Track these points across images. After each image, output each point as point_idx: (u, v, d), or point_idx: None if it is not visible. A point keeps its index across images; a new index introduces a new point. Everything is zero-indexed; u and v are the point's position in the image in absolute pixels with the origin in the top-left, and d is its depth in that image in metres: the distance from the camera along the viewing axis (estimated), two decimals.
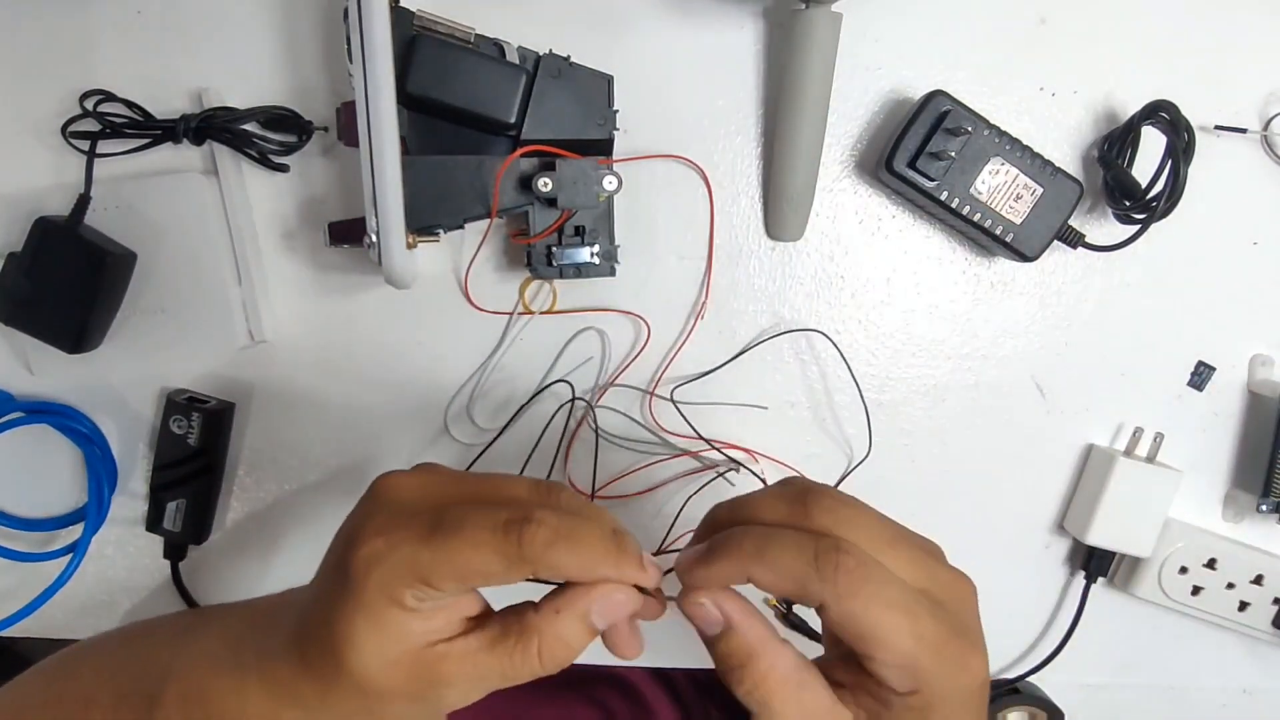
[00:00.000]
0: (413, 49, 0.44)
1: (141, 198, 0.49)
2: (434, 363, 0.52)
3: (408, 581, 0.29)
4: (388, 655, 0.30)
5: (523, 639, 0.31)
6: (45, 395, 0.52)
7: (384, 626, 0.29)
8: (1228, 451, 0.54)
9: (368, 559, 0.29)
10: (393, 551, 0.29)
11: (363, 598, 0.29)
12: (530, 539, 0.29)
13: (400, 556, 0.29)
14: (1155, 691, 0.57)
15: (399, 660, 0.30)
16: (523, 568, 0.29)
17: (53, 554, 0.52)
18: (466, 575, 0.29)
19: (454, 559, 0.29)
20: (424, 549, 0.29)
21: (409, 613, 0.29)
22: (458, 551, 0.29)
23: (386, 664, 0.30)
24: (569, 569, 0.30)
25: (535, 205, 0.47)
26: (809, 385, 0.52)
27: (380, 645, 0.30)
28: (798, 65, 0.47)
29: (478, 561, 0.29)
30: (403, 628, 0.30)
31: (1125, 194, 0.48)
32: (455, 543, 0.29)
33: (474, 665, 0.31)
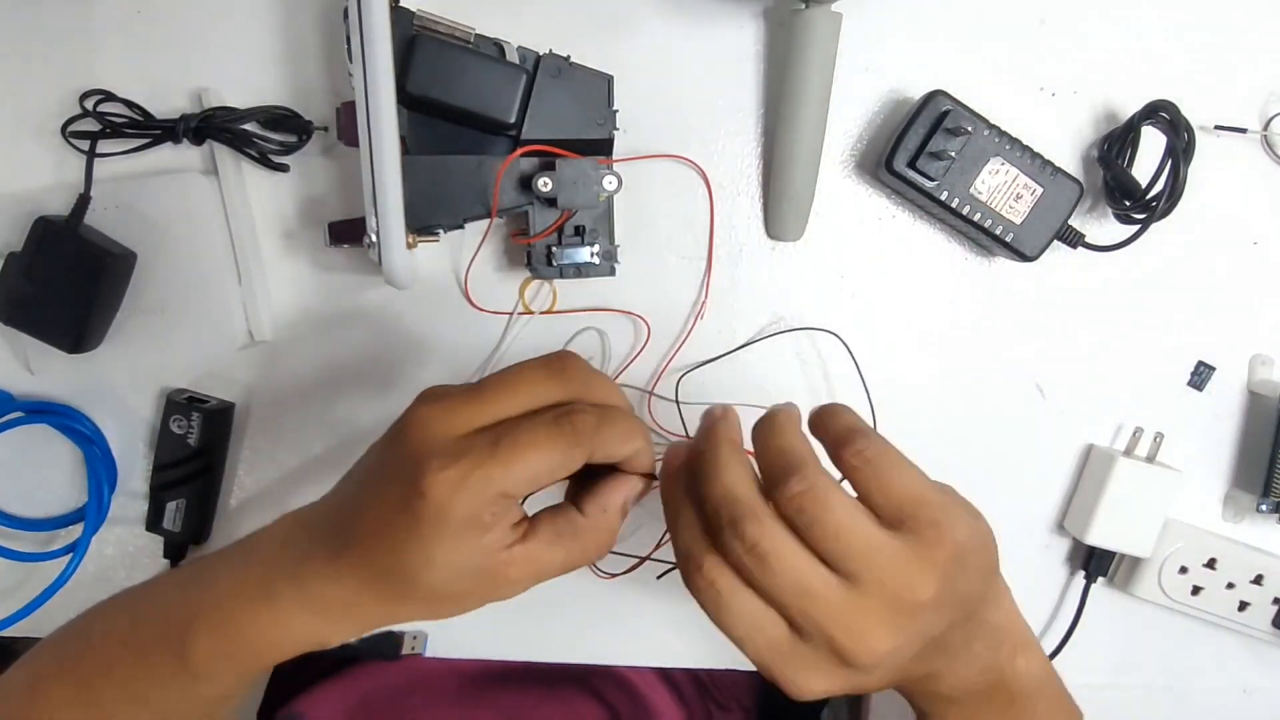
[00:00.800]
0: (413, 49, 0.44)
1: (141, 198, 0.49)
2: (434, 363, 0.52)
3: (489, 500, 0.32)
4: (466, 569, 0.33)
5: (579, 537, 0.35)
6: (45, 395, 0.52)
7: (464, 546, 0.32)
8: (1228, 451, 0.54)
9: (449, 487, 0.31)
10: (469, 476, 0.31)
11: (447, 524, 0.32)
12: (581, 427, 0.33)
13: (478, 479, 0.31)
14: (1155, 691, 0.57)
15: (475, 572, 0.33)
16: (581, 454, 0.33)
17: (53, 554, 0.52)
18: (538, 477, 0.32)
19: (525, 467, 0.32)
20: (496, 467, 0.32)
21: (483, 530, 0.32)
22: (525, 460, 0.32)
23: (464, 577, 0.33)
24: (615, 446, 0.34)
25: (535, 205, 0.47)
26: (810, 385, 0.52)
27: (460, 563, 0.32)
28: (798, 65, 0.47)
29: (544, 461, 0.32)
30: (479, 543, 0.32)
31: (1125, 194, 0.48)
32: (521, 451, 0.32)
33: (535, 564, 0.34)
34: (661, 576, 0.52)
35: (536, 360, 0.35)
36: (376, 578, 0.34)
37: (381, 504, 0.33)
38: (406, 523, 0.32)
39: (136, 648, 0.38)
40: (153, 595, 0.40)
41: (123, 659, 0.38)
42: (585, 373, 0.35)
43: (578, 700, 0.57)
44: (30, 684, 0.40)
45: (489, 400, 0.34)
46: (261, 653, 0.36)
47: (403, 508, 0.32)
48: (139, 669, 0.38)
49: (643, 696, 0.57)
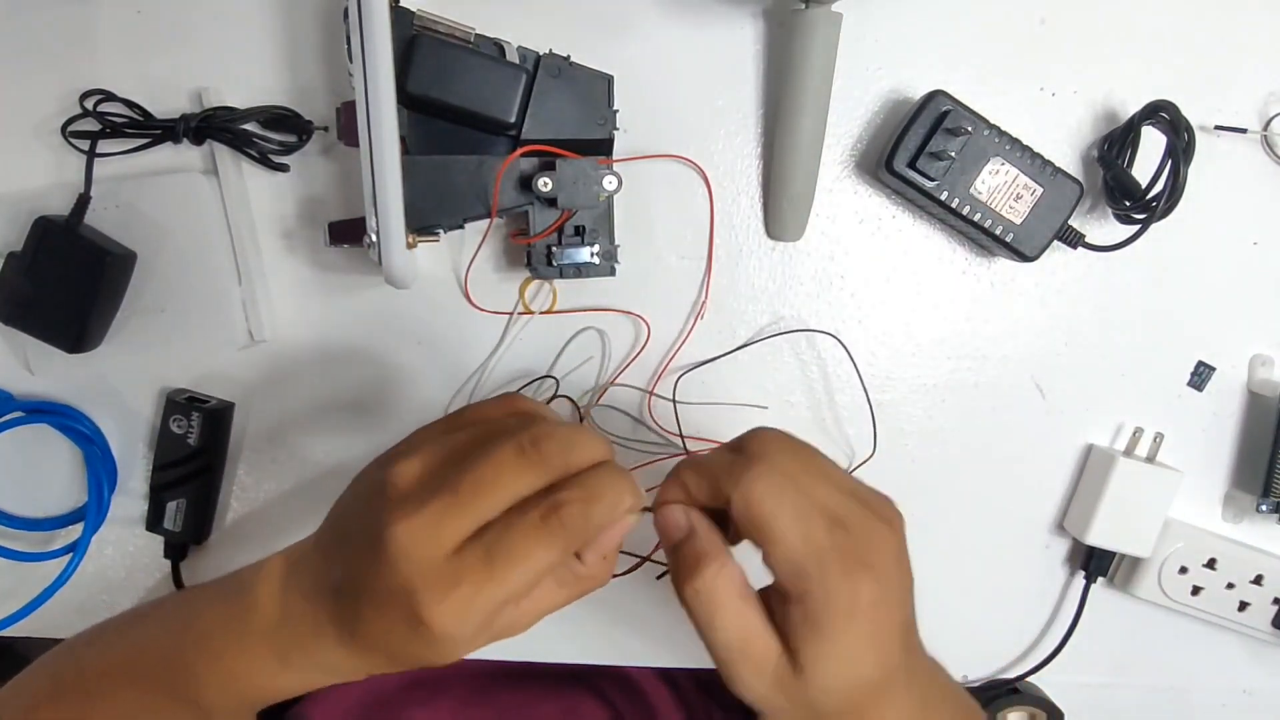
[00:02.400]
0: (413, 49, 0.44)
1: (141, 198, 0.49)
2: (434, 363, 0.52)
3: (494, 613, 0.32)
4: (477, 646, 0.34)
5: (580, 583, 0.36)
6: (45, 395, 0.52)
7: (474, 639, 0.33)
8: (1228, 451, 0.54)
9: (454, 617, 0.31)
10: (472, 602, 0.31)
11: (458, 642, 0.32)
12: (570, 522, 0.32)
13: (481, 602, 0.31)
14: (1155, 691, 0.57)
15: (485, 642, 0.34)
16: (576, 545, 0.33)
17: (53, 554, 0.52)
18: (538, 579, 0.32)
19: (522, 576, 0.32)
20: (494, 586, 0.31)
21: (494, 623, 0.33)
22: (522, 569, 0.32)
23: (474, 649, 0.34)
24: (606, 525, 0.33)
25: (535, 205, 0.47)
26: (809, 385, 0.52)
27: (471, 648, 0.33)
28: (798, 65, 0.47)
29: (541, 565, 0.32)
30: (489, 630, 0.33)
31: (1125, 194, 0.48)
32: (517, 564, 0.32)
33: (539, 611, 0.36)
34: (661, 576, 0.52)
35: (506, 445, 0.32)
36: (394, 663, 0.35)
37: (386, 619, 0.33)
38: (419, 640, 0.32)
39: (137, 684, 0.39)
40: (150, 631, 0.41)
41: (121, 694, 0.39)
42: (561, 443, 0.33)
43: (578, 699, 0.57)
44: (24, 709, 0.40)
45: (468, 508, 0.32)
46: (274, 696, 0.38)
47: (411, 630, 0.32)
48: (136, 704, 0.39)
49: (644, 696, 0.57)
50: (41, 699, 0.40)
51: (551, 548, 0.32)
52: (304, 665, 0.36)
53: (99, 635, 0.43)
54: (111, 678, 0.39)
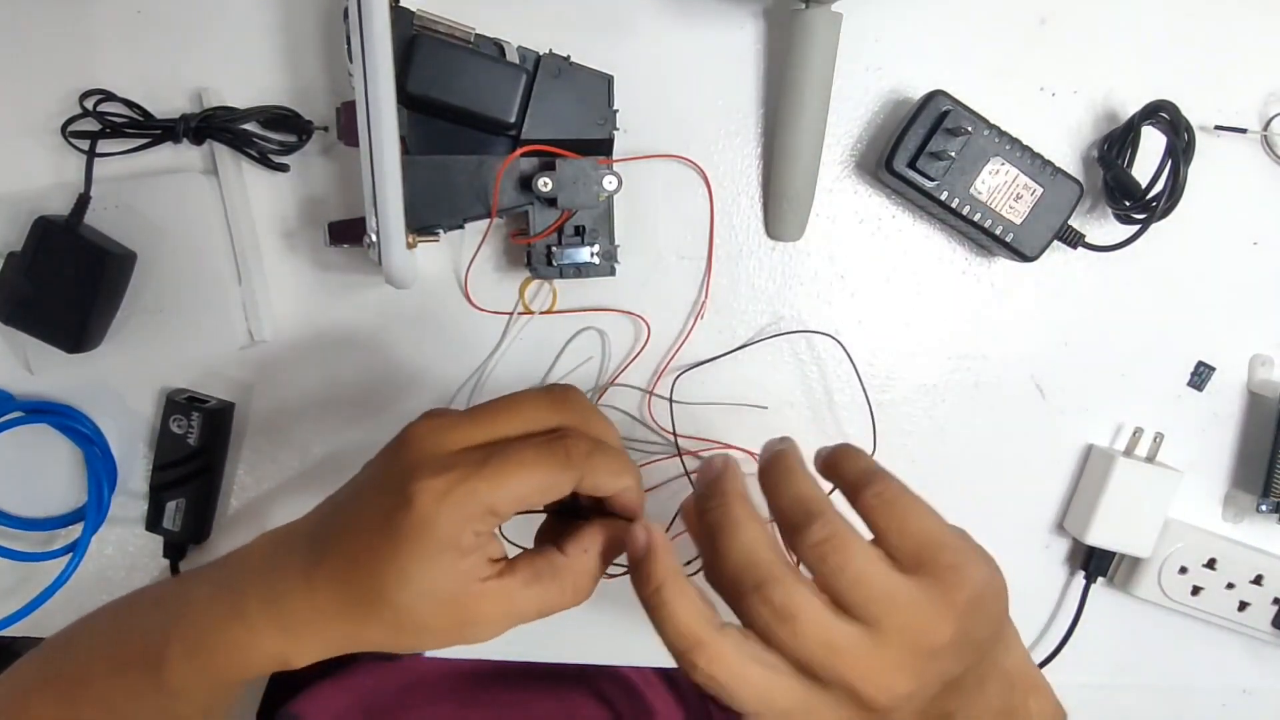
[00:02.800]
0: (413, 49, 0.44)
1: (141, 198, 0.49)
2: (434, 362, 0.52)
3: (474, 515, 0.31)
4: (438, 594, 0.32)
5: (557, 578, 0.35)
6: (45, 395, 0.52)
7: (440, 566, 0.32)
8: (1228, 451, 0.54)
9: (434, 498, 0.31)
10: (456, 487, 0.31)
11: (428, 535, 0.31)
12: (573, 452, 0.33)
13: (464, 491, 0.31)
14: (1155, 691, 0.57)
15: (446, 599, 0.32)
16: (570, 478, 0.33)
17: (53, 554, 0.52)
18: (525, 496, 0.32)
19: (513, 484, 0.32)
20: (483, 482, 0.31)
21: (462, 553, 0.32)
22: (514, 476, 0.32)
23: (434, 602, 0.32)
24: (605, 477, 0.34)
25: (535, 205, 0.47)
26: (808, 385, 0.52)
27: (433, 585, 0.32)
28: (798, 65, 0.47)
29: (533, 480, 0.32)
30: (455, 567, 0.32)
31: (1125, 194, 0.48)
32: (510, 469, 0.32)
33: (510, 602, 0.34)
34: None
35: (537, 389, 0.35)
36: (347, 590, 0.33)
37: (366, 514, 0.33)
38: (387, 532, 0.32)
39: (116, 663, 0.38)
40: (134, 610, 0.40)
41: (103, 673, 0.38)
42: (584, 406, 0.35)
43: (577, 699, 0.57)
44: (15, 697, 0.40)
45: (485, 421, 0.34)
46: (232, 670, 0.35)
47: (386, 519, 0.32)
48: (118, 684, 0.38)
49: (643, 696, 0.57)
50: (33, 686, 0.40)
51: (546, 467, 0.32)
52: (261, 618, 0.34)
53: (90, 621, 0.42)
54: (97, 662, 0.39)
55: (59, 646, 0.42)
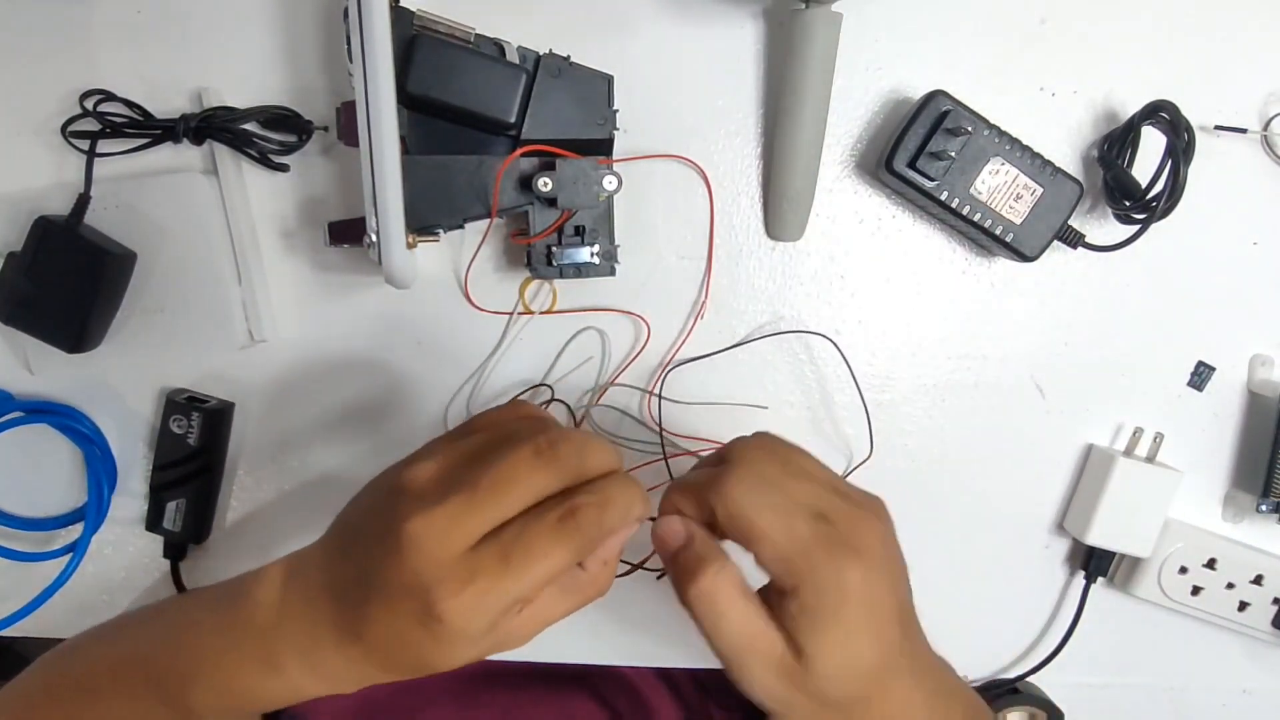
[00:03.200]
0: (413, 49, 0.44)
1: (141, 198, 0.49)
2: (434, 363, 0.52)
3: (505, 610, 0.33)
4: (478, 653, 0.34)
5: (582, 590, 0.36)
6: (45, 395, 0.52)
7: (480, 643, 0.34)
8: (1228, 451, 0.54)
9: (466, 612, 0.32)
10: (485, 598, 0.32)
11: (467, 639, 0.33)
12: (585, 526, 0.33)
13: (494, 598, 0.32)
14: (1155, 691, 0.57)
15: (485, 649, 0.34)
16: (588, 548, 0.33)
17: (52, 554, 0.52)
18: (549, 580, 0.33)
19: (537, 576, 0.32)
20: (509, 582, 0.32)
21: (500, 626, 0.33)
22: (537, 569, 0.32)
23: (474, 658, 0.34)
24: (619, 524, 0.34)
25: (535, 205, 0.47)
26: (808, 386, 0.52)
27: (473, 653, 0.34)
28: (798, 65, 0.47)
29: (556, 566, 0.32)
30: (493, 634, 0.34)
31: (1125, 194, 0.48)
32: (532, 564, 0.32)
33: (542, 620, 0.36)
34: (661, 576, 0.52)
35: (524, 447, 0.33)
36: (391, 667, 0.35)
37: (394, 615, 0.33)
38: (426, 638, 0.33)
39: (128, 687, 0.39)
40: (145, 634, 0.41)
41: (114, 695, 0.39)
42: (577, 448, 0.34)
43: (577, 700, 0.57)
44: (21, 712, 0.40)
45: (486, 505, 0.33)
46: (265, 705, 0.38)
47: (420, 626, 0.32)
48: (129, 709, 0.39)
49: (642, 696, 0.57)
50: (38, 699, 0.41)
51: (567, 549, 0.32)
52: (297, 670, 0.36)
53: (98, 636, 0.43)
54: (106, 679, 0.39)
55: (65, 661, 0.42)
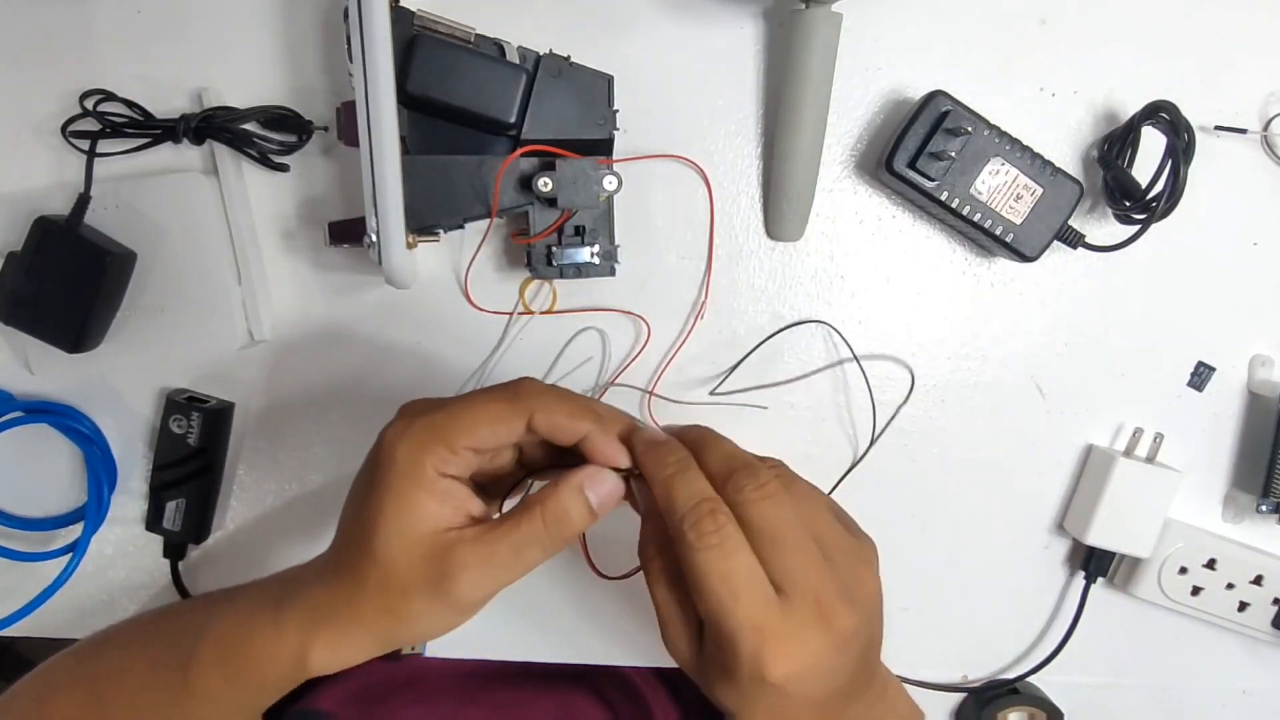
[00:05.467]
0: (413, 49, 0.44)
1: (141, 198, 0.49)
2: (434, 363, 0.52)
3: (429, 446, 0.34)
4: (408, 535, 0.34)
5: (526, 512, 0.35)
6: (45, 395, 0.52)
7: (407, 505, 0.34)
8: (1228, 452, 0.54)
9: (394, 435, 0.35)
10: (413, 423, 0.34)
11: (391, 474, 0.34)
12: (522, 390, 0.35)
13: (420, 426, 0.34)
14: (1155, 691, 0.57)
15: (418, 542, 0.34)
16: (520, 412, 0.35)
17: (53, 554, 0.52)
18: (477, 427, 0.34)
19: (464, 418, 0.34)
20: (437, 415, 0.34)
21: (428, 493, 0.34)
22: (466, 410, 0.34)
23: (407, 545, 0.34)
24: (559, 416, 0.35)
25: (535, 205, 0.47)
26: (808, 386, 0.52)
27: (402, 525, 0.34)
28: (798, 65, 0.47)
29: (483, 414, 0.34)
30: (423, 508, 0.34)
31: (1125, 194, 0.48)
32: (461, 405, 0.35)
33: (484, 546, 0.34)
34: None
35: None
36: (345, 558, 0.35)
37: (357, 483, 0.36)
38: (366, 486, 0.35)
39: (147, 661, 0.39)
40: (171, 615, 0.42)
41: (134, 669, 0.39)
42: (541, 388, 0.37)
43: (577, 698, 0.57)
44: (41, 693, 0.41)
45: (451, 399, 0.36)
46: (261, 675, 0.36)
47: (367, 477, 0.35)
48: (147, 681, 0.39)
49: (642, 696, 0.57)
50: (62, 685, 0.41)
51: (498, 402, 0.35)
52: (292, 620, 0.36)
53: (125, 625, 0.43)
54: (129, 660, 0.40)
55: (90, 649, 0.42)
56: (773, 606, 0.33)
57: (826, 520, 0.36)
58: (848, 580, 0.35)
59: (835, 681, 0.35)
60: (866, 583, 0.36)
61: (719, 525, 0.34)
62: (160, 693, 0.38)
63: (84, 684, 0.40)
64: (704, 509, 0.34)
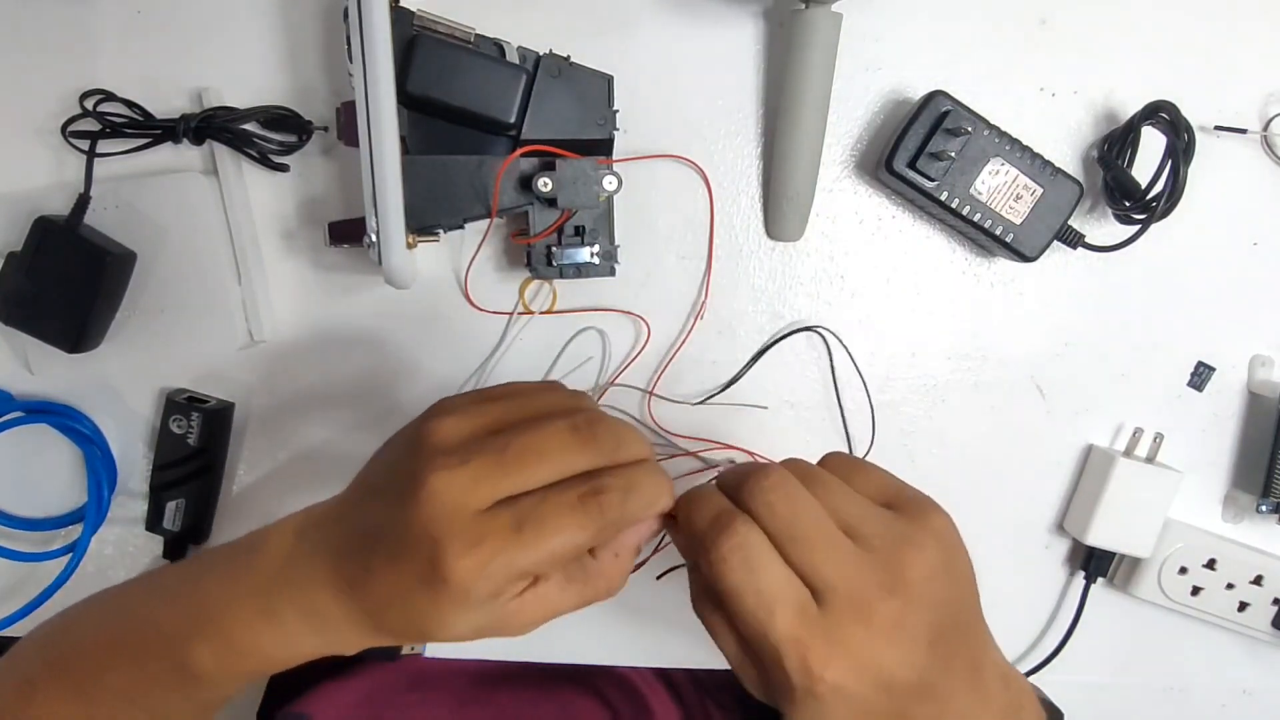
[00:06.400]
0: (413, 49, 0.44)
1: (141, 198, 0.49)
2: (434, 363, 0.52)
3: (511, 580, 0.32)
4: (477, 628, 0.33)
5: (590, 581, 0.35)
6: (45, 395, 0.52)
7: (479, 614, 0.32)
8: (1228, 452, 0.54)
9: (472, 574, 0.31)
10: (492, 562, 0.31)
11: (469, 603, 0.31)
12: (606, 508, 0.32)
13: (501, 564, 0.31)
14: (1155, 691, 0.57)
15: (485, 627, 0.33)
16: (608, 533, 0.32)
17: (52, 554, 0.52)
18: (562, 558, 0.32)
19: (548, 550, 0.31)
20: (519, 551, 0.31)
21: (494, 602, 0.32)
22: (550, 543, 0.31)
23: (474, 632, 0.33)
24: (640, 514, 0.33)
25: (535, 205, 0.47)
26: (809, 385, 0.52)
27: (473, 626, 0.33)
28: (798, 65, 0.47)
29: (569, 544, 0.31)
30: (492, 606, 0.33)
31: (1125, 194, 0.48)
32: (546, 537, 0.31)
33: (546, 608, 0.34)
34: (661, 576, 0.52)
35: (560, 421, 0.33)
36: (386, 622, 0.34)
37: (398, 571, 0.32)
38: (426, 597, 0.32)
39: (133, 654, 0.38)
40: (146, 598, 0.40)
41: (118, 664, 0.38)
42: (613, 431, 0.33)
43: (577, 699, 0.57)
44: (20, 687, 0.39)
45: (512, 471, 0.32)
46: (265, 663, 0.36)
47: (422, 584, 0.32)
48: (137, 674, 0.38)
49: (642, 696, 0.57)
50: (39, 677, 0.39)
51: (583, 528, 0.31)
52: (295, 621, 0.34)
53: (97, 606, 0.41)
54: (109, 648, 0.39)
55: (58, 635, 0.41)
56: (809, 613, 0.32)
57: (855, 504, 0.34)
58: (890, 565, 0.32)
59: (897, 677, 0.32)
60: (913, 564, 0.33)
61: (739, 537, 0.32)
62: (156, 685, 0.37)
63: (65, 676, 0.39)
64: (721, 522, 0.32)
